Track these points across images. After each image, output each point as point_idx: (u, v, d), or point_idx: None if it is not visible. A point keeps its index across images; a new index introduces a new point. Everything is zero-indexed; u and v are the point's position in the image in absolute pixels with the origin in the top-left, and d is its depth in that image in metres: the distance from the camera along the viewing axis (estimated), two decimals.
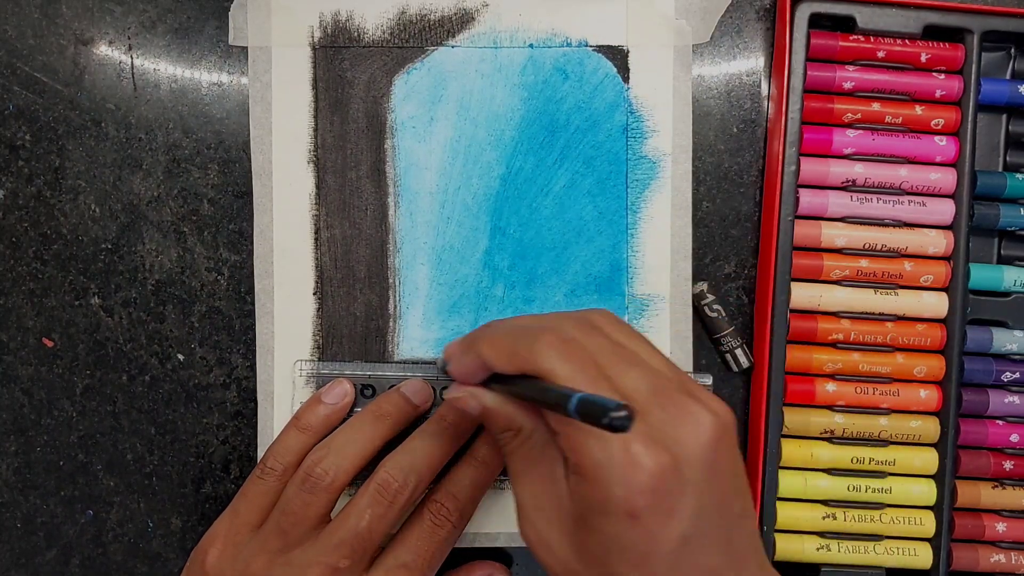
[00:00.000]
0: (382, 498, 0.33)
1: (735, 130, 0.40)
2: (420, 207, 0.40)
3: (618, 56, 0.39)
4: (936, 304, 0.40)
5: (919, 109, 0.39)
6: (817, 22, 0.39)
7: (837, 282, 0.40)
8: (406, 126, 0.39)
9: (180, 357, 0.40)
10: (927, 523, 0.39)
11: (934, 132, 0.39)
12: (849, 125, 0.39)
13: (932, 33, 0.39)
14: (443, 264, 0.40)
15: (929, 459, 0.40)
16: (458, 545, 0.37)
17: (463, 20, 0.39)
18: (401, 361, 0.39)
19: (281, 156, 0.39)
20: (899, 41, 0.39)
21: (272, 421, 0.39)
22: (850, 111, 0.39)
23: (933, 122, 0.39)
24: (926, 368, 0.39)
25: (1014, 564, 0.39)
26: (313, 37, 0.39)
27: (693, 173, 0.39)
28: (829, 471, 0.40)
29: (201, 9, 0.40)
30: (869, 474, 0.40)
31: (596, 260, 0.40)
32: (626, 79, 0.39)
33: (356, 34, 0.39)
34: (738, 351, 0.40)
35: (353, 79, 0.39)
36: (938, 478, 0.40)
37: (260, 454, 0.38)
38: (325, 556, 0.33)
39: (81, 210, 0.40)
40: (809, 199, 0.39)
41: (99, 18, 0.40)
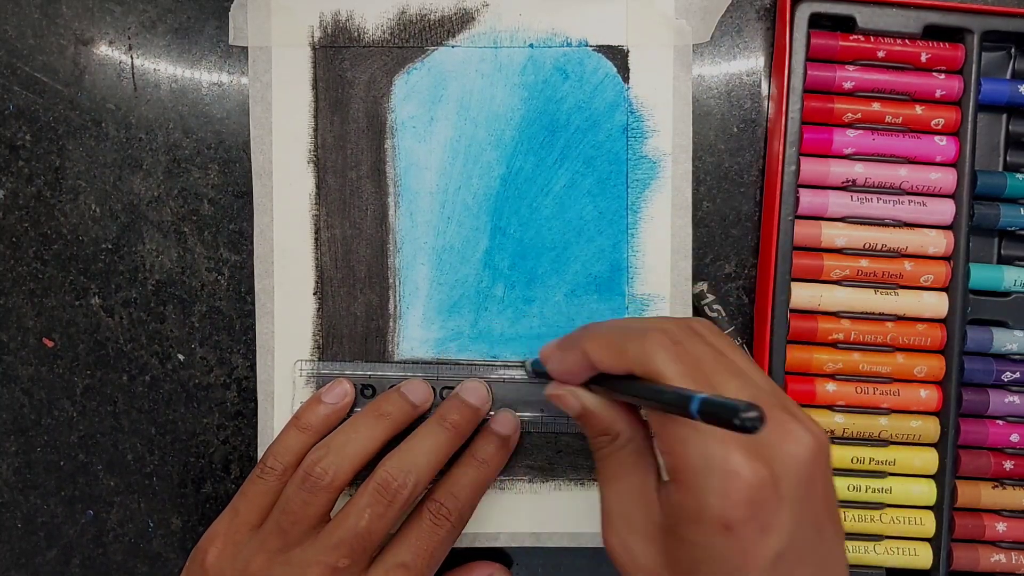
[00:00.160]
0: (381, 497, 0.33)
1: (735, 130, 0.40)
2: (420, 207, 0.40)
3: (618, 56, 0.39)
4: (936, 304, 0.40)
5: (919, 109, 0.39)
6: (817, 22, 0.39)
7: (837, 282, 0.40)
8: (406, 126, 0.40)
9: (180, 357, 0.40)
10: (927, 523, 0.39)
11: (934, 132, 0.39)
12: (849, 125, 0.39)
13: (932, 33, 0.39)
14: (443, 264, 0.40)
15: (929, 459, 0.40)
16: (458, 545, 0.37)
17: (463, 20, 0.39)
18: (401, 361, 0.39)
19: (281, 156, 0.39)
20: (899, 41, 0.39)
21: (272, 421, 0.39)
22: (850, 111, 0.39)
23: (933, 122, 0.39)
24: (926, 368, 0.39)
25: (1014, 564, 0.39)
26: (313, 37, 0.39)
27: (693, 173, 0.39)
28: None
29: (201, 9, 0.40)
30: (869, 474, 0.39)
31: (596, 260, 0.40)
32: (626, 79, 0.39)
33: (356, 34, 0.39)
34: None
35: (353, 79, 0.39)
36: (938, 478, 0.39)
37: (260, 454, 0.38)
38: (324, 555, 0.33)
39: (81, 210, 0.40)
40: (809, 199, 0.39)
41: (99, 18, 0.40)
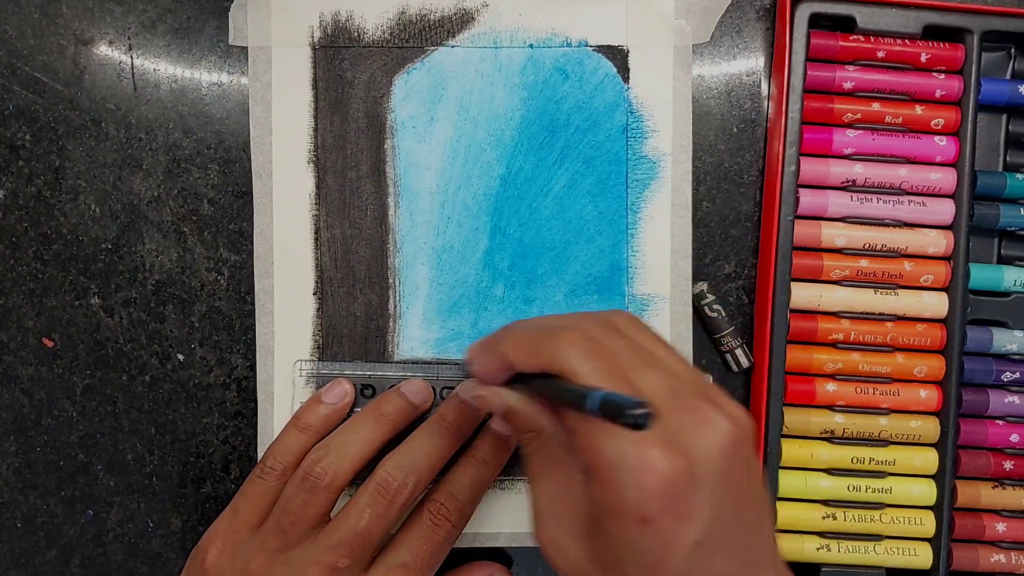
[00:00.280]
0: (381, 498, 0.33)
1: (735, 130, 0.40)
2: (420, 207, 0.40)
3: (618, 56, 0.39)
4: (936, 304, 0.40)
5: (919, 109, 0.39)
6: (817, 22, 0.39)
7: (837, 282, 0.40)
8: (406, 126, 0.39)
9: (180, 357, 0.40)
10: (927, 523, 0.39)
11: (934, 132, 0.39)
12: (849, 125, 0.39)
13: (932, 33, 0.39)
14: (443, 264, 0.40)
15: (929, 459, 0.40)
16: (458, 545, 0.37)
17: (463, 20, 0.39)
18: (401, 361, 0.39)
19: (281, 156, 0.39)
20: (899, 41, 0.39)
21: (272, 421, 0.39)
22: (850, 111, 0.39)
23: (933, 122, 0.39)
24: (926, 368, 0.39)
25: (1014, 564, 0.39)
26: (313, 37, 0.39)
27: (693, 173, 0.39)
28: (829, 471, 0.40)
29: (201, 9, 0.40)
30: (869, 474, 0.39)
31: (596, 260, 0.40)
32: (626, 79, 0.39)
33: (356, 34, 0.39)
34: (738, 351, 0.40)
35: (353, 79, 0.39)
36: (938, 478, 0.39)
37: (260, 454, 0.38)
38: (324, 555, 0.33)
39: (81, 210, 0.40)
40: (809, 199, 0.39)
41: (99, 18, 0.40)
